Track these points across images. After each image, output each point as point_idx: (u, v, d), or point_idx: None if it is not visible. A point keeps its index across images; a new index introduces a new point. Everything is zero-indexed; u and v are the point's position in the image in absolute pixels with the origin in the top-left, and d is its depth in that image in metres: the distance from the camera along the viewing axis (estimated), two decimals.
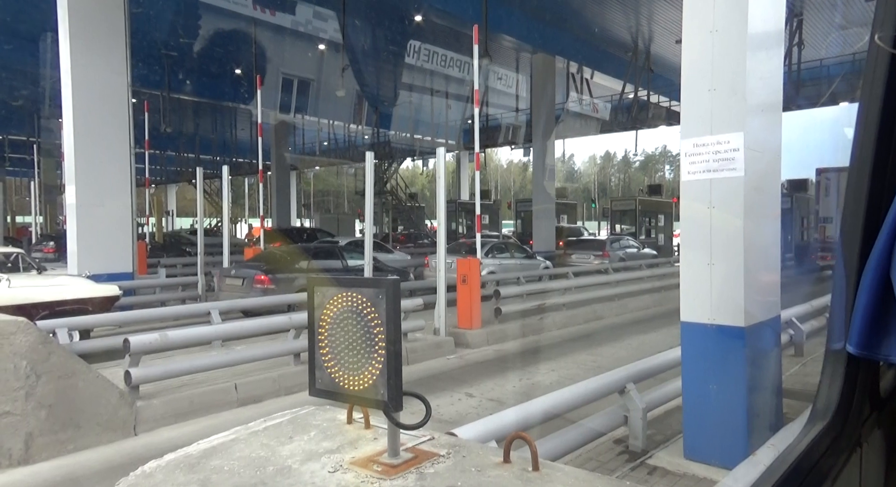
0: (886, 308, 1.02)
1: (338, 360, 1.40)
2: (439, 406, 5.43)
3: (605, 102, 24.34)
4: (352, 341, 1.39)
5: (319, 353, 1.42)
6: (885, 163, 1.13)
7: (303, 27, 16.43)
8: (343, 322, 1.41)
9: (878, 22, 1.06)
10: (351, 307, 1.40)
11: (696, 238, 3.95)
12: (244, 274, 10.00)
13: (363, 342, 1.38)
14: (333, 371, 1.40)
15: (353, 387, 1.36)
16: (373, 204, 8.59)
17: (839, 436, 1.18)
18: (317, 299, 1.44)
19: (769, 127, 4.03)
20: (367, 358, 1.37)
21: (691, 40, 3.95)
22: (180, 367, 5.27)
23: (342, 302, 1.40)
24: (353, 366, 1.38)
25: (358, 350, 1.38)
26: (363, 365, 1.37)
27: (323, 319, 1.43)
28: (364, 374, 1.36)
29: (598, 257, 17.40)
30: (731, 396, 3.74)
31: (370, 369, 1.35)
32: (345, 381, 1.37)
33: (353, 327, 1.39)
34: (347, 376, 1.38)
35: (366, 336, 1.37)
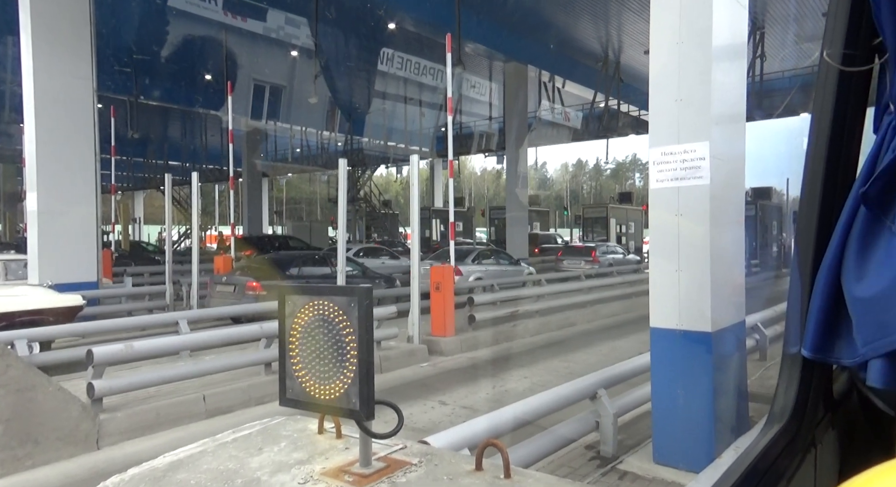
0: (838, 313, 1.05)
1: (309, 369, 1.39)
2: (412, 415, 5.40)
3: (577, 111, 24.74)
4: (323, 350, 1.38)
5: (290, 363, 1.41)
6: (835, 173, 1.17)
7: (274, 33, 16.31)
8: (314, 331, 1.40)
9: (827, 40, 1.12)
10: (322, 315, 1.39)
11: (665, 245, 4.03)
12: (236, 280, 9.94)
13: (334, 351, 1.37)
14: (304, 380, 1.38)
15: (324, 397, 1.34)
16: (346, 211, 8.53)
17: (795, 438, 1.21)
18: (288, 308, 1.43)
19: (733, 136, 4.15)
20: (338, 367, 1.36)
21: (658, 51, 4.05)
22: (146, 378, 5.13)
23: (313, 310, 1.40)
24: (325, 376, 1.36)
25: (329, 359, 1.37)
26: (334, 375, 1.36)
27: (294, 328, 1.41)
28: (335, 383, 1.35)
29: (588, 262, 18.72)
30: (698, 400, 3.81)
31: (341, 378, 1.34)
32: (316, 391, 1.36)
33: (324, 336, 1.38)
34: (318, 385, 1.37)
35: (337, 345, 1.36)
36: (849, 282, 1.01)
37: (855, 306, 1.00)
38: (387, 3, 15.07)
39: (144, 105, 21.62)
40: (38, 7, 9.58)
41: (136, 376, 5.18)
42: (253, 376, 6.03)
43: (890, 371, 0.96)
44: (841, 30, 1.10)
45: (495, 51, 18.55)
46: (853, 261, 1.02)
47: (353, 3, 15.36)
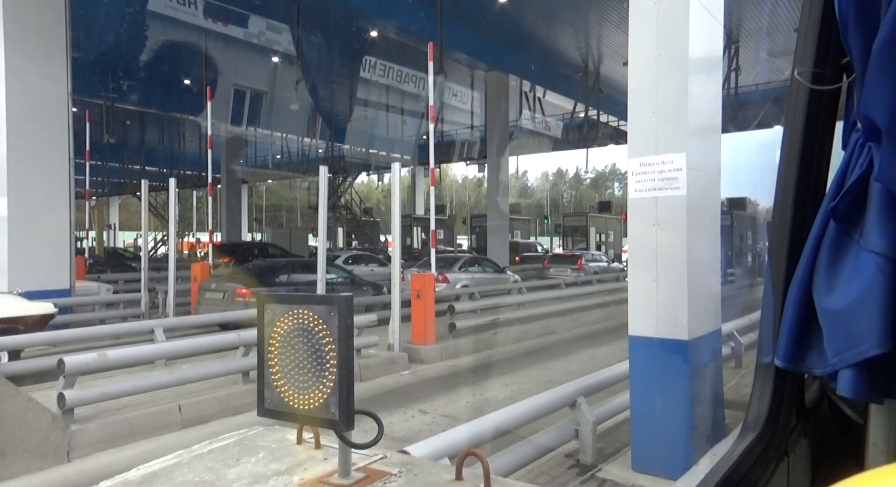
0: (809, 324, 1.07)
1: (288, 379, 1.38)
2: (392, 424, 5.36)
3: (558, 121, 24.99)
4: (302, 359, 1.37)
5: (269, 372, 1.40)
6: (806, 187, 1.20)
7: (256, 39, 16.22)
8: (294, 339, 1.39)
9: (798, 59, 1.15)
10: (302, 324, 1.38)
11: (643, 254, 4.09)
12: (225, 287, 9.94)
13: (314, 360, 1.36)
14: (283, 390, 1.37)
15: (303, 406, 1.34)
16: (326, 218, 8.49)
17: (768, 446, 1.24)
18: (267, 316, 1.42)
19: (709, 148, 4.24)
20: (317, 376, 1.35)
21: (637, 64, 4.12)
22: (120, 388, 5.02)
23: (293, 319, 1.39)
24: (304, 385, 1.36)
25: (308, 368, 1.36)
26: (314, 384, 1.35)
27: (273, 337, 1.40)
28: (315, 393, 1.34)
29: (575, 270, 19.47)
30: (676, 408, 3.85)
31: (321, 388, 1.33)
32: (295, 400, 1.35)
33: (303, 345, 1.37)
34: (297, 395, 1.36)
35: (317, 354, 1.36)
36: (819, 294, 1.04)
37: (825, 317, 1.02)
38: (369, 11, 15.11)
39: (121, 109, 21.30)
40: (10, 7, 9.40)
41: (110, 386, 5.06)
42: (231, 385, 5.94)
43: (859, 381, 0.98)
44: (811, 49, 1.13)
45: (477, 60, 18.69)
46: (823, 274, 1.05)
47: (335, 10, 15.36)
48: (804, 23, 1.16)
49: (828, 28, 1.11)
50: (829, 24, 1.09)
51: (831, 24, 1.06)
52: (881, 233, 0.96)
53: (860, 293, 0.96)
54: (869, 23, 0.91)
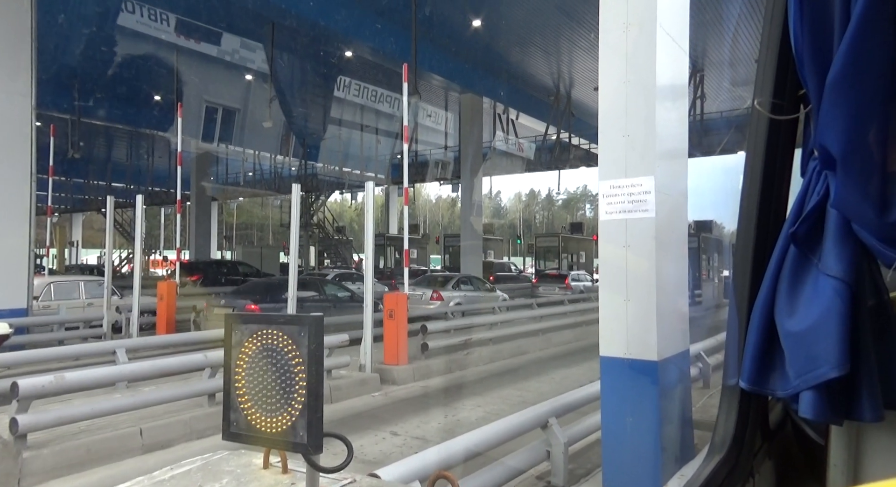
0: (772, 346, 1.10)
1: (255, 401, 1.35)
2: (363, 446, 5.27)
3: (530, 142, 25.38)
4: (270, 381, 1.35)
5: (235, 394, 1.37)
6: (767, 213, 1.24)
7: (229, 57, 16.14)
8: (262, 361, 1.37)
9: (758, 90, 1.21)
10: (271, 345, 1.36)
11: (613, 275, 4.14)
12: (234, 303, 10.46)
13: (283, 382, 1.34)
14: (250, 412, 1.34)
15: (270, 430, 1.31)
16: (298, 237, 8.40)
17: (734, 468, 1.25)
18: (235, 337, 1.39)
19: (676, 171, 4.34)
20: (286, 398, 1.33)
21: (607, 89, 4.22)
22: (77, 412, 4.81)
23: (262, 339, 1.36)
24: (272, 408, 1.33)
25: (277, 390, 1.34)
26: (282, 407, 1.32)
27: (240, 358, 1.38)
28: (283, 416, 1.32)
29: (562, 288, 21.16)
30: (646, 428, 3.87)
31: (289, 410, 1.31)
32: (262, 423, 1.32)
33: (272, 366, 1.35)
34: (265, 418, 1.33)
35: (285, 375, 1.33)
36: (781, 317, 1.07)
37: (787, 340, 1.05)
38: (344, 32, 15.21)
39: (88, 124, 20.85)
40: None
41: (67, 410, 4.85)
42: (196, 408, 5.75)
43: (819, 403, 1.01)
44: (769, 81, 1.18)
45: (451, 82, 18.93)
46: (784, 298, 1.07)
47: (309, 30, 15.42)
48: (763, 55, 1.20)
49: (785, 61, 1.15)
50: (787, 58, 1.12)
51: (788, 57, 1.09)
52: (838, 258, 1.00)
53: (819, 316, 0.99)
54: (823, 58, 0.94)
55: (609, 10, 4.16)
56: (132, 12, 13.50)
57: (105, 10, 13.91)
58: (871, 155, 0.93)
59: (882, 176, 0.94)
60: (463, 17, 15.61)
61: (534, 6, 15.06)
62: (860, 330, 1.01)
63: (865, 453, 1.14)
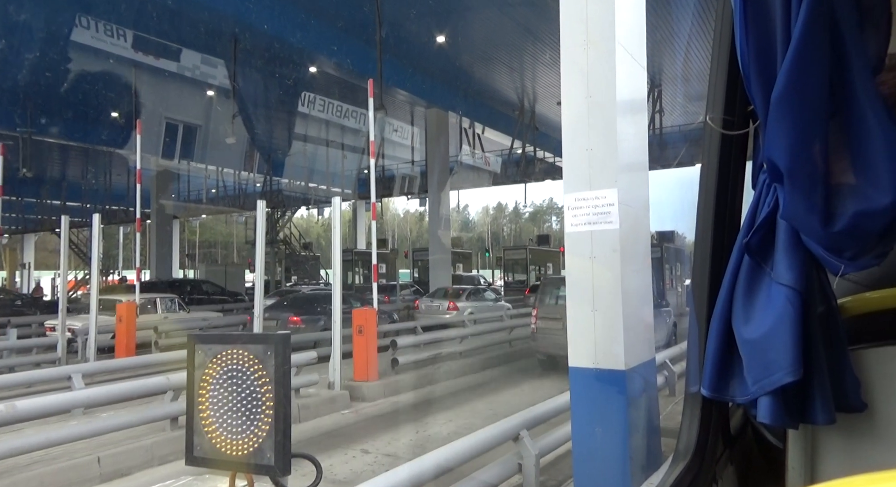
0: (730, 354, 1.12)
1: (220, 424, 1.32)
2: (332, 466, 5.16)
3: (497, 156, 25.64)
4: (236, 402, 1.32)
5: (199, 417, 1.34)
6: (722, 224, 1.28)
7: (189, 72, 15.88)
8: (227, 382, 1.34)
9: (710, 105, 1.25)
10: (236, 365, 1.33)
11: (580, 287, 4.19)
12: (277, 315, 11.27)
13: (248, 403, 1.32)
14: (215, 435, 1.31)
15: (236, 453, 1.28)
16: (264, 253, 8.26)
17: (698, 474, 1.27)
18: (198, 358, 1.36)
19: (638, 183, 4.45)
20: (252, 420, 1.30)
21: (569, 105, 4.31)
22: (29, 442, 4.59)
23: (227, 359, 1.34)
24: (237, 430, 1.30)
25: (242, 411, 1.31)
26: (248, 428, 1.30)
27: (205, 379, 1.35)
28: (248, 438, 1.29)
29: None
30: (615, 438, 3.91)
31: (255, 432, 1.29)
32: (227, 446, 1.29)
33: (237, 387, 1.33)
34: (230, 441, 1.30)
35: (251, 396, 1.31)
36: (738, 325, 1.09)
37: (744, 347, 1.07)
38: (308, 47, 15.16)
39: (41, 142, 20.16)
40: None
41: (18, 440, 4.62)
42: (157, 433, 5.55)
43: (775, 407, 1.03)
44: (720, 97, 1.23)
45: (417, 97, 19.04)
46: (740, 306, 1.10)
47: (272, 46, 15.33)
48: (713, 73, 1.25)
49: (734, 79, 1.19)
50: (736, 75, 1.16)
51: (737, 75, 1.13)
52: (789, 266, 1.03)
53: (773, 323, 1.02)
54: (767, 76, 0.98)
55: (569, 29, 4.27)
56: (87, 27, 13.18)
57: (58, 26, 13.54)
58: (815, 168, 0.97)
59: (825, 188, 0.98)
60: (428, 34, 15.76)
61: (497, 24, 15.32)
62: (811, 336, 1.04)
63: (821, 455, 1.17)
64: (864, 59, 0.97)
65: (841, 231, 0.97)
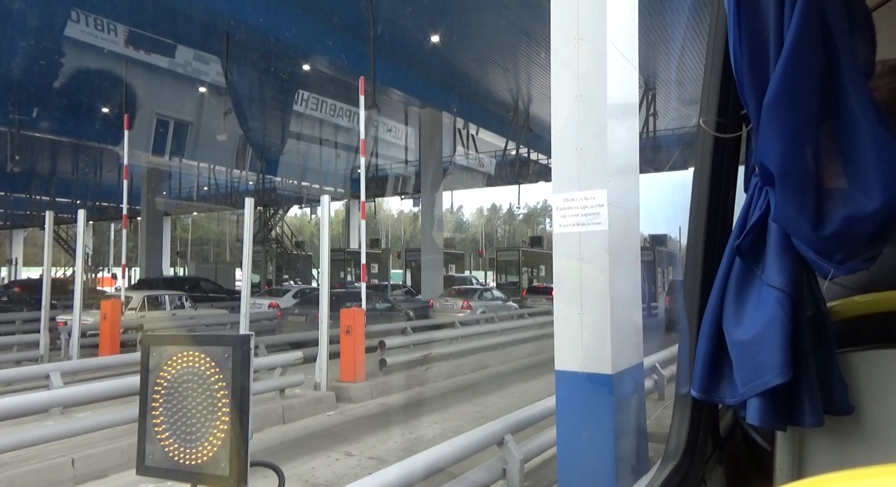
0: (721, 356, 1.12)
1: (174, 431, 1.25)
2: (314, 469, 5.06)
3: (490, 157, 25.60)
4: (191, 408, 1.25)
5: (152, 423, 1.27)
6: (714, 227, 1.29)
7: (181, 68, 15.73)
8: (182, 385, 1.27)
9: (703, 109, 1.26)
10: (192, 368, 1.26)
11: (568, 289, 4.12)
12: (307, 312, 11.76)
13: (204, 409, 1.24)
14: (167, 443, 1.24)
15: (189, 462, 1.21)
16: (251, 252, 8.15)
17: (687, 475, 1.28)
18: (152, 360, 1.29)
19: (629, 185, 4.39)
20: (207, 427, 1.23)
21: (559, 104, 4.25)
22: (2, 442, 4.46)
23: (182, 362, 1.27)
24: (192, 437, 1.23)
25: (198, 418, 1.24)
26: (203, 436, 1.22)
27: (159, 383, 1.27)
28: (203, 446, 1.22)
29: (549, 300, 21.70)
30: (601, 443, 3.84)
31: (211, 440, 1.21)
32: (181, 456, 1.22)
33: (193, 391, 1.25)
34: (184, 449, 1.23)
35: (207, 401, 1.24)
36: (728, 327, 1.10)
37: (734, 349, 1.08)
38: (302, 45, 15.07)
39: (31, 136, 19.94)
40: None
41: None
42: (136, 433, 5.42)
43: (764, 409, 1.03)
44: (714, 101, 1.23)
45: (411, 97, 18.96)
46: (731, 308, 1.10)
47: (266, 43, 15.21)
48: (707, 77, 1.26)
49: (728, 82, 1.20)
50: (729, 79, 1.17)
51: (730, 79, 1.13)
52: (780, 269, 1.04)
53: (763, 326, 1.03)
54: (760, 80, 0.99)
55: (560, 27, 4.20)
56: (77, 22, 13.02)
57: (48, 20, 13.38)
58: (806, 172, 0.98)
59: (816, 192, 0.99)
60: (423, 33, 15.69)
61: (492, 24, 15.28)
62: (801, 338, 1.04)
63: (808, 457, 1.18)
64: (856, 65, 0.99)
65: (831, 235, 0.98)
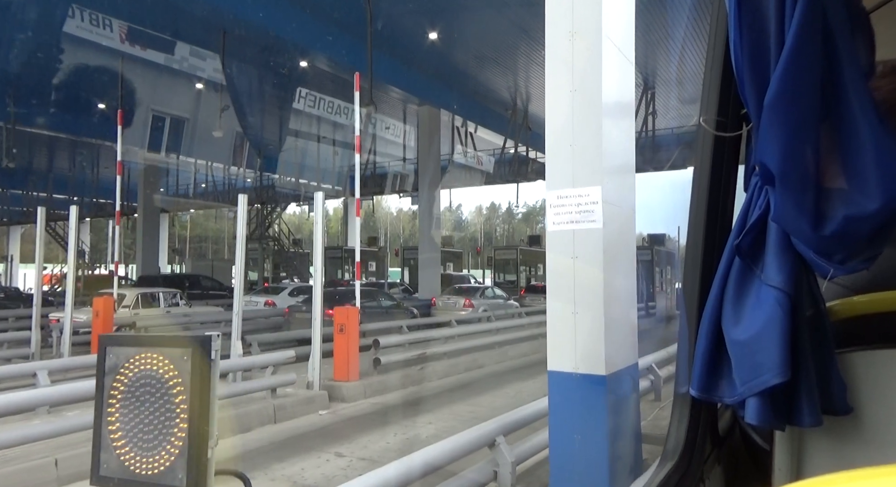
0: (720, 355, 1.12)
1: (130, 438, 1.17)
2: (304, 470, 4.98)
3: (489, 156, 25.51)
4: (148, 414, 1.17)
5: (107, 430, 1.19)
6: (714, 226, 1.30)
7: (177, 64, 15.64)
8: (140, 390, 1.19)
9: (703, 108, 1.27)
10: (150, 371, 1.19)
11: (561, 287, 4.04)
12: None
13: (161, 415, 1.17)
14: (123, 452, 1.17)
15: (147, 472, 1.14)
16: (245, 249, 8.08)
17: (686, 474, 1.29)
18: (109, 361, 1.22)
19: (624, 182, 4.31)
20: (164, 435, 1.15)
21: (553, 98, 4.16)
22: None
23: (141, 364, 1.19)
24: (149, 446, 1.16)
25: (155, 425, 1.16)
26: (159, 444, 1.15)
27: (115, 387, 1.20)
28: (160, 455, 1.14)
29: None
30: (594, 445, 3.77)
31: (168, 448, 1.14)
32: (137, 465, 1.15)
33: (151, 396, 1.18)
34: (140, 458, 1.16)
35: (165, 407, 1.16)
36: (727, 327, 1.10)
37: (733, 348, 1.09)
38: (299, 41, 14.97)
39: (27, 132, 19.85)
40: None
41: None
42: None
43: (763, 409, 1.04)
44: (714, 100, 1.25)
45: (409, 94, 18.88)
46: (730, 307, 1.11)
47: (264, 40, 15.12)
48: (707, 76, 1.28)
49: (728, 81, 1.21)
50: (730, 78, 1.18)
51: (731, 78, 1.14)
52: (779, 269, 1.05)
53: (762, 325, 1.03)
54: (761, 80, 0.99)
55: (554, 20, 4.12)
56: (72, 17, 12.92)
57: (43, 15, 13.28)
58: (806, 172, 0.99)
59: (816, 192, 0.99)
60: (421, 30, 15.60)
61: (491, 21, 15.19)
62: (799, 338, 1.05)
63: (807, 456, 1.19)
64: (856, 65, 0.99)
65: (830, 235, 0.98)
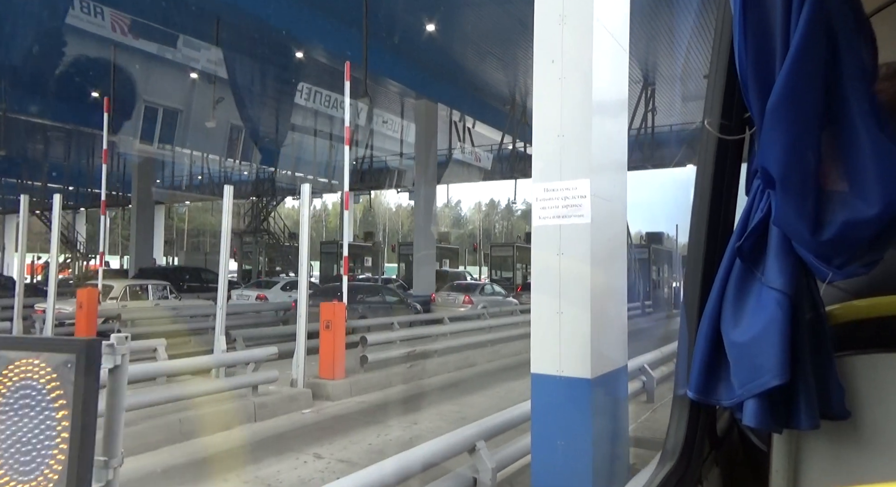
0: (718, 357, 1.13)
1: (6, 459, 1.00)
2: (279, 472, 4.80)
3: (487, 151, 25.33)
4: (27, 431, 0.99)
5: None
6: (716, 226, 1.31)
7: (171, 54, 15.43)
8: (18, 402, 1.01)
9: (707, 110, 1.29)
10: (29, 380, 1.01)
11: (546, 285, 3.85)
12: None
13: (41, 432, 0.99)
14: (1, 474, 1.00)
15: None
16: (230, 241, 7.90)
17: (684, 476, 1.30)
18: None
19: (615, 176, 4.11)
20: (43, 455, 0.97)
21: (541, 84, 3.97)
22: None
23: (20, 372, 1.01)
24: (27, 468, 0.98)
25: (34, 444, 0.99)
26: (38, 467, 0.97)
27: None
28: (38, 479, 0.97)
29: None
30: (578, 450, 3.59)
31: (45, 473, 0.96)
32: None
33: (30, 409, 1.00)
34: (19, 482, 0.99)
35: (45, 424, 0.98)
36: (726, 329, 1.11)
37: (732, 350, 1.09)
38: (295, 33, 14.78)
39: (20, 121, 19.67)
40: None
41: None
42: None
43: (761, 411, 1.04)
44: (718, 103, 1.27)
45: (407, 88, 18.68)
46: (730, 309, 1.12)
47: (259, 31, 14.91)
48: (712, 78, 1.29)
49: (732, 85, 1.22)
50: (734, 82, 1.18)
51: (735, 81, 1.15)
52: (780, 271, 1.05)
53: (762, 327, 1.04)
54: (764, 84, 1.00)
55: (543, 2, 3.92)
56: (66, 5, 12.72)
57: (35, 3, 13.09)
58: (806, 177, 0.99)
59: (816, 197, 1.00)
60: (419, 23, 15.40)
61: (489, 15, 14.99)
62: (799, 341, 1.05)
63: (805, 459, 1.19)
64: (859, 70, 1.00)
65: (830, 239, 0.99)
